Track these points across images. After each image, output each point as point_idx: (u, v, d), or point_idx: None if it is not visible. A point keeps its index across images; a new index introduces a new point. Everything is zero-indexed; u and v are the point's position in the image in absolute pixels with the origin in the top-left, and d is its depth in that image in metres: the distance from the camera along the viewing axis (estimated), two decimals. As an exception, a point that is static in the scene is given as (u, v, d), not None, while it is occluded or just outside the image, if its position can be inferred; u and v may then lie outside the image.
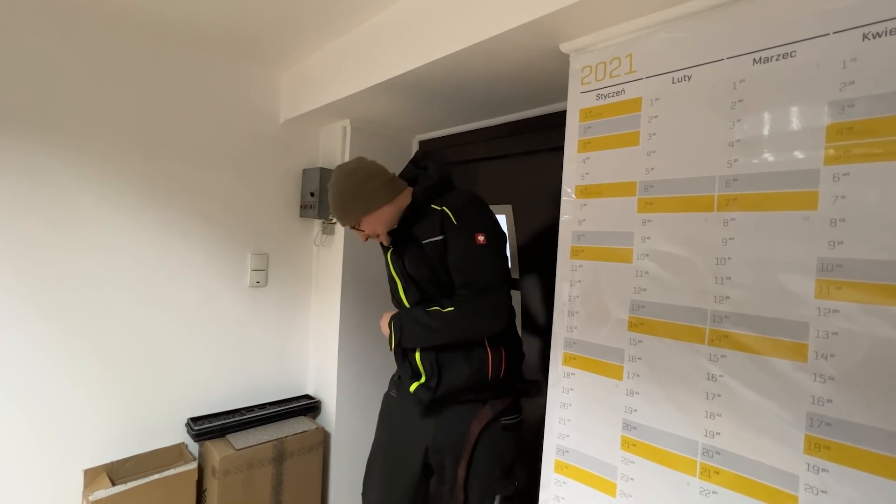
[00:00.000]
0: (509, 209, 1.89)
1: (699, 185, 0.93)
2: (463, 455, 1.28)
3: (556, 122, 1.46)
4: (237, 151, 2.01)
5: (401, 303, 1.37)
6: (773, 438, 0.83)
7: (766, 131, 0.86)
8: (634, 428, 1.02)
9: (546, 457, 1.19)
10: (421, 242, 1.26)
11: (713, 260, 0.91)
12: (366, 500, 1.46)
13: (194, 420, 1.90)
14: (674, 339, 0.96)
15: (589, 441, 1.10)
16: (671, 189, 0.98)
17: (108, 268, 1.71)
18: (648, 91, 1.02)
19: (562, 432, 1.16)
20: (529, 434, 1.49)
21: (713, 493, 0.90)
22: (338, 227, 2.15)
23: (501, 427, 1.29)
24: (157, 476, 1.66)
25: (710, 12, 0.93)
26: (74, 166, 1.63)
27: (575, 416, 1.13)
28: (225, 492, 1.75)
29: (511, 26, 1.11)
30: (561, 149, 1.19)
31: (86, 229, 1.66)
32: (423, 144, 2.31)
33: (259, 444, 1.84)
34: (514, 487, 1.31)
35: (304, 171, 2.20)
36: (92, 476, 1.69)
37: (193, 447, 1.92)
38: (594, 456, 1.09)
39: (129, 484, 1.61)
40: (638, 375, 1.02)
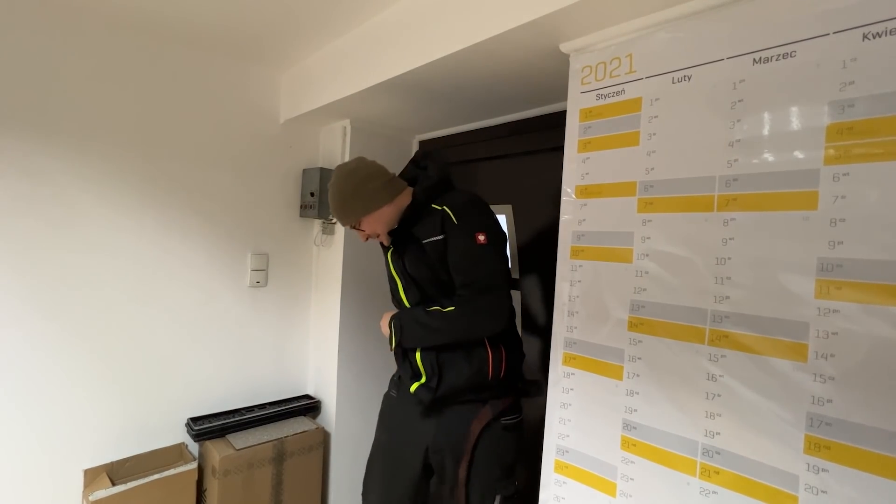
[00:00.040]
0: (509, 209, 1.88)
1: (699, 185, 0.93)
2: (463, 455, 1.28)
3: (556, 122, 1.46)
4: (237, 151, 2.01)
5: (401, 303, 1.37)
6: (773, 438, 0.83)
7: (766, 131, 0.85)
8: (634, 428, 1.02)
9: (546, 457, 1.19)
10: (421, 242, 1.26)
11: (713, 260, 0.91)
12: (366, 500, 1.46)
13: (194, 420, 1.90)
14: (674, 339, 0.96)
15: (589, 441, 1.10)
16: (671, 189, 0.98)
17: (108, 268, 1.71)
18: (648, 91, 1.02)
19: (562, 432, 1.16)
20: (529, 434, 1.49)
21: (713, 493, 0.90)
22: (338, 227, 2.15)
23: (502, 427, 1.29)
24: (157, 476, 1.67)
25: (710, 12, 0.93)
26: (74, 166, 1.63)
27: (575, 416, 1.13)
28: (225, 492, 1.75)
29: (511, 26, 1.11)
30: (561, 149, 1.19)
31: (86, 229, 1.66)
32: (423, 144, 2.30)
33: (259, 444, 1.84)
34: (514, 487, 1.32)
35: (304, 171, 2.20)
36: (92, 476, 1.69)
37: (193, 447, 1.93)
38: (594, 456, 1.09)
39: (129, 484, 1.61)
40: (638, 375, 1.02)
